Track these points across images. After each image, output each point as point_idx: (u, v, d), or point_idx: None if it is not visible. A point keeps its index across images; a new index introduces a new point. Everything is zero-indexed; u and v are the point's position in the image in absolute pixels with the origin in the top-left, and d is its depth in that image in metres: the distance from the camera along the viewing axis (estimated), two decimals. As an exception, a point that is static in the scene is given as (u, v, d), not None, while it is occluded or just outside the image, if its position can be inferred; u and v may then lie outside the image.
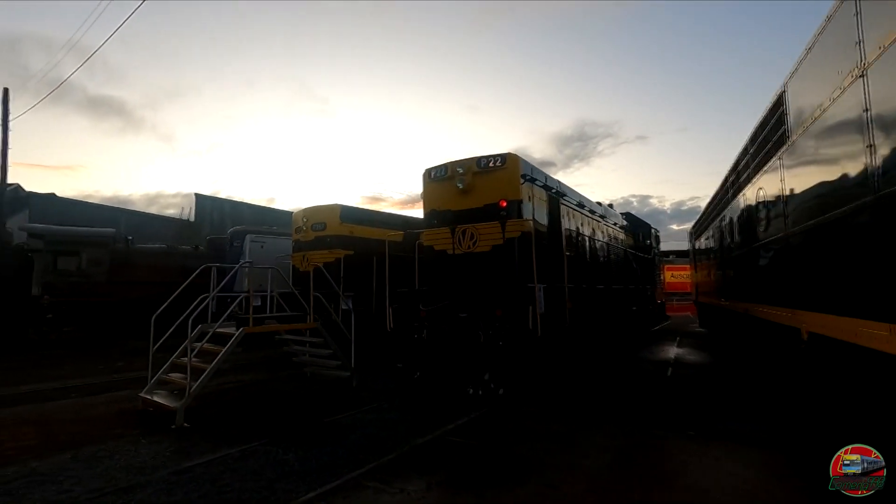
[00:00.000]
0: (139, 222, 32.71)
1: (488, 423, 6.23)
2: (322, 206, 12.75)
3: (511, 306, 7.54)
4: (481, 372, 7.51)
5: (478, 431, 5.92)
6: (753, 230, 7.46)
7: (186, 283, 7.65)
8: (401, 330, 8.62)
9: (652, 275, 17.86)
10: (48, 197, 28.95)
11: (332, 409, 7.01)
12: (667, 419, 6.28)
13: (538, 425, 6.13)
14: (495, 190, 8.24)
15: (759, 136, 6.63)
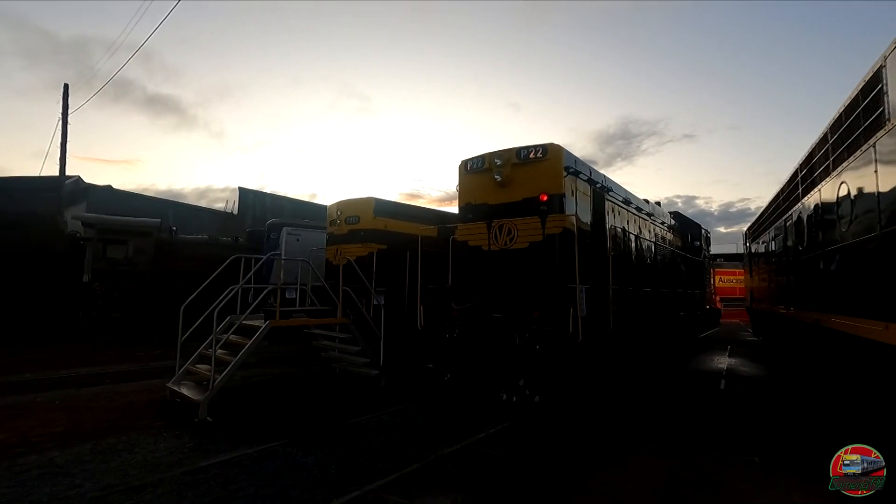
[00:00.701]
0: (186, 214, 33.97)
1: (522, 434, 5.76)
2: (356, 199, 12.53)
3: (550, 308, 7.01)
4: (516, 377, 7.03)
5: (511, 443, 5.46)
6: (831, 230, 6.63)
7: (216, 273, 7.54)
8: (432, 329, 8.24)
9: (701, 278, 16.75)
10: (105, 189, 30.60)
11: (357, 409, 6.71)
12: (723, 439, 5.61)
13: (577, 439, 5.60)
14: (536, 183, 7.70)
15: (844, 122, 5.81)
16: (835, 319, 6.12)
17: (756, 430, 6.09)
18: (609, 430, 5.92)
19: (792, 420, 6.56)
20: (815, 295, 7.02)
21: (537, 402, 6.76)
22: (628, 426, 6.12)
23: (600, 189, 9.04)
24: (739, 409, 7.19)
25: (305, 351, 10.90)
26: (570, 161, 7.88)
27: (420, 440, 5.48)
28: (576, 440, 5.56)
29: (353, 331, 7.96)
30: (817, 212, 6.76)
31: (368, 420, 6.25)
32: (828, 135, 7.07)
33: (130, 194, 32.55)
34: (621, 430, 5.93)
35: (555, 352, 6.88)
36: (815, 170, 7.15)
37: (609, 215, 9.21)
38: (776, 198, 10.24)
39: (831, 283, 6.21)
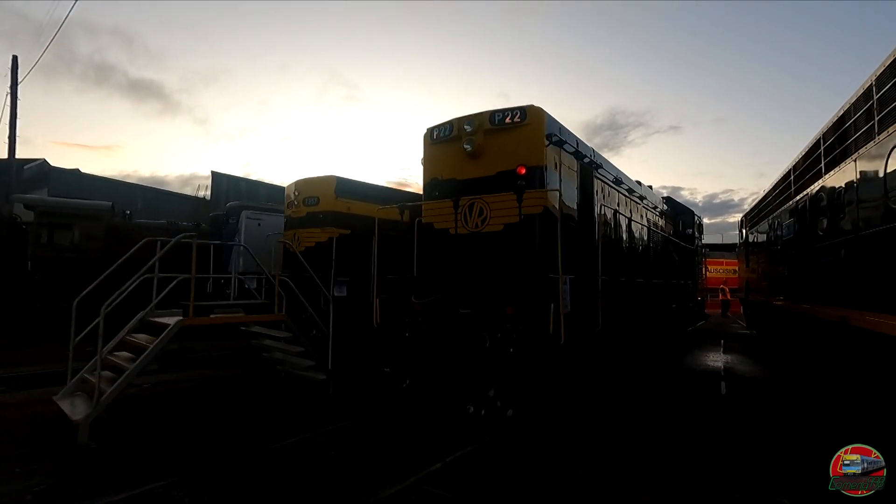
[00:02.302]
0: (156, 200, 32.42)
1: (489, 463, 4.56)
2: (315, 177, 11.16)
3: (526, 303, 5.81)
4: (486, 386, 5.83)
5: (473, 477, 4.25)
6: (851, 218, 5.52)
7: (121, 261, 6.22)
8: (391, 326, 7.00)
9: (693, 268, 15.73)
10: (72, 173, 28.91)
11: (290, 427, 5.46)
12: (740, 470, 4.47)
13: (560, 471, 4.41)
14: (513, 153, 6.44)
15: (865, 104, 4.69)
16: (870, 318, 5.00)
17: (772, 452, 4.97)
18: (601, 456, 4.75)
19: (812, 436, 5.47)
20: (842, 288, 5.91)
21: (510, 416, 5.57)
22: (624, 450, 4.96)
23: (589, 165, 7.82)
24: (747, 420, 6.09)
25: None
26: (553, 128, 6.63)
27: (355, 474, 4.25)
28: (559, 473, 4.37)
29: (293, 329, 6.67)
30: (832, 198, 5.62)
31: (298, 443, 5.00)
32: (847, 113, 5.90)
33: (98, 178, 31.08)
34: (615, 456, 4.76)
35: (532, 356, 5.69)
36: (831, 150, 5.96)
37: (598, 195, 8.01)
38: (784, 178, 9.13)
39: (868, 275, 5.09)
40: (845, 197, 5.62)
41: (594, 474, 4.31)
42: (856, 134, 5.36)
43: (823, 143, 6.56)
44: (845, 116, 5.74)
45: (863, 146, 5.09)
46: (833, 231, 6.19)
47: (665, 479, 4.20)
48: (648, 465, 4.53)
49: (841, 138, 5.90)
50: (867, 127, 4.97)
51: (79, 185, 27.20)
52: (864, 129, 5.08)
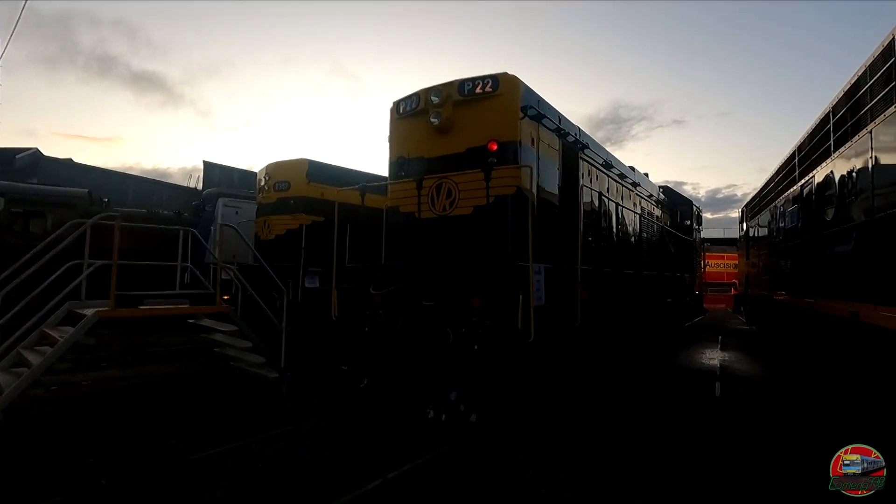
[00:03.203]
0: (147, 190, 31.86)
1: (442, 481, 3.91)
2: (286, 161, 10.48)
3: (495, 294, 5.14)
4: (448, 387, 5.19)
5: (413, 498, 3.61)
6: (864, 199, 4.83)
7: (43, 244, 5.58)
8: (350, 320, 6.35)
9: (691, 261, 15.01)
10: (65, 163, 28.52)
11: (223, 433, 4.83)
12: (731, 491, 3.82)
13: (526, 491, 3.76)
14: (484, 127, 5.77)
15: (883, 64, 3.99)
16: (885, 313, 4.33)
17: (775, 470, 4.32)
18: (576, 474, 4.09)
19: (810, 444, 4.81)
20: (853, 280, 5.23)
21: (474, 422, 4.93)
22: (604, 465, 4.30)
23: (574, 144, 7.12)
24: (741, 427, 5.44)
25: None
26: (530, 100, 5.93)
27: (276, 493, 3.61)
28: (524, 493, 3.72)
29: (239, 322, 6.02)
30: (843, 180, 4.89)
31: (224, 453, 4.36)
32: (857, 84, 5.16)
33: (90, 168, 30.64)
34: (594, 474, 4.11)
35: (499, 354, 5.03)
36: (860, 106, 5.16)
37: (584, 178, 7.33)
38: (787, 162, 8.41)
39: (883, 264, 4.40)
40: (858, 175, 4.93)
41: (563, 494, 3.66)
42: (872, 101, 4.66)
43: (833, 116, 5.85)
44: (860, 82, 5.03)
45: (880, 113, 4.39)
46: (843, 216, 5.50)
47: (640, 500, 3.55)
48: (629, 483, 3.88)
49: (854, 108, 5.19)
50: (887, 90, 4.26)
51: (70, 174, 26.91)
52: (882, 93, 4.38)
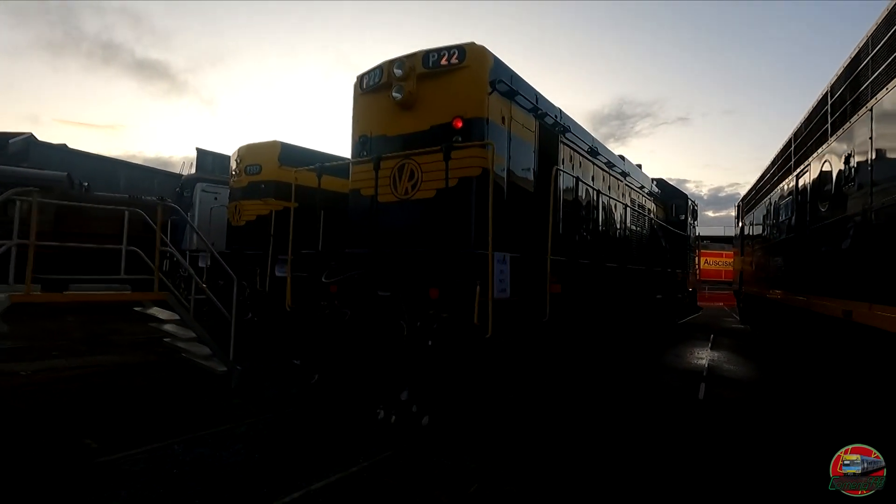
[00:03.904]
0: (139, 177, 31.75)
1: (373, 491, 3.47)
2: (258, 143, 9.99)
3: (454, 285, 4.67)
4: (399, 386, 4.74)
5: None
6: (862, 187, 4.34)
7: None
8: (304, 311, 5.90)
9: (684, 256, 14.52)
10: (59, 148, 28.41)
11: (154, 431, 4.39)
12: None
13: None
14: (448, 103, 5.28)
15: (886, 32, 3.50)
16: (881, 313, 3.86)
17: (738, 481, 3.88)
18: (522, 490, 3.65)
19: (793, 458, 4.37)
20: (846, 276, 4.75)
21: (426, 424, 4.49)
22: (550, 480, 3.86)
23: (553, 127, 6.64)
24: (720, 435, 5.00)
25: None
26: (501, 74, 5.43)
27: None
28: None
29: (180, 311, 5.56)
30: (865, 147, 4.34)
31: (139, 455, 3.91)
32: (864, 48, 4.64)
33: (83, 154, 30.65)
34: (539, 490, 3.67)
35: (454, 351, 4.58)
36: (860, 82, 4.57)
37: (564, 164, 6.84)
38: (783, 150, 7.90)
39: (882, 258, 3.92)
40: (856, 160, 4.44)
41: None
42: (873, 75, 4.16)
43: (831, 96, 5.34)
44: (860, 55, 4.52)
45: (882, 87, 3.89)
46: (838, 206, 5.01)
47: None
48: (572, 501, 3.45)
49: (854, 85, 4.69)
50: (889, 61, 3.76)
51: (62, 160, 26.83)
52: (884, 65, 3.88)
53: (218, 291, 8.68)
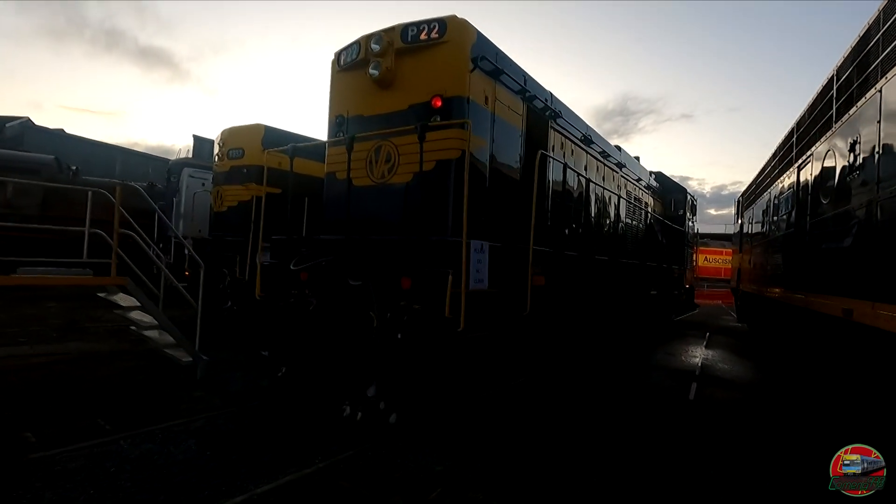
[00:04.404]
0: (134, 163, 31.59)
1: (325, 495, 3.19)
2: (242, 126, 9.66)
3: (427, 275, 4.37)
4: (366, 381, 4.45)
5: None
6: (868, 175, 4.00)
7: None
8: (274, 300, 5.60)
9: (682, 252, 14.19)
10: (55, 133, 28.33)
11: (104, 425, 4.11)
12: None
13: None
14: (428, 80, 4.95)
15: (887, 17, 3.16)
16: (885, 312, 3.55)
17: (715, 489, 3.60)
18: (487, 495, 3.37)
19: (778, 467, 4.09)
20: (847, 272, 4.44)
21: (393, 423, 4.20)
22: (527, 494, 3.58)
23: (542, 111, 6.30)
24: (708, 438, 4.72)
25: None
26: (485, 50, 5.08)
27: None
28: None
29: (140, 296, 5.26)
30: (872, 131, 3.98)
31: (77, 451, 3.63)
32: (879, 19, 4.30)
33: (79, 139, 30.56)
34: (504, 496, 3.38)
35: (425, 345, 4.28)
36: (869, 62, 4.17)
37: (555, 152, 6.51)
38: (785, 141, 7.55)
39: (889, 253, 3.60)
40: (862, 146, 4.11)
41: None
42: (884, 52, 3.81)
43: (837, 80, 4.99)
44: (869, 32, 4.16)
45: (893, 65, 3.55)
46: (840, 198, 4.69)
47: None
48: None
49: (861, 66, 4.34)
50: None
51: (57, 144, 26.76)
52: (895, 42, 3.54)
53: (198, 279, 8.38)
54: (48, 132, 27.67)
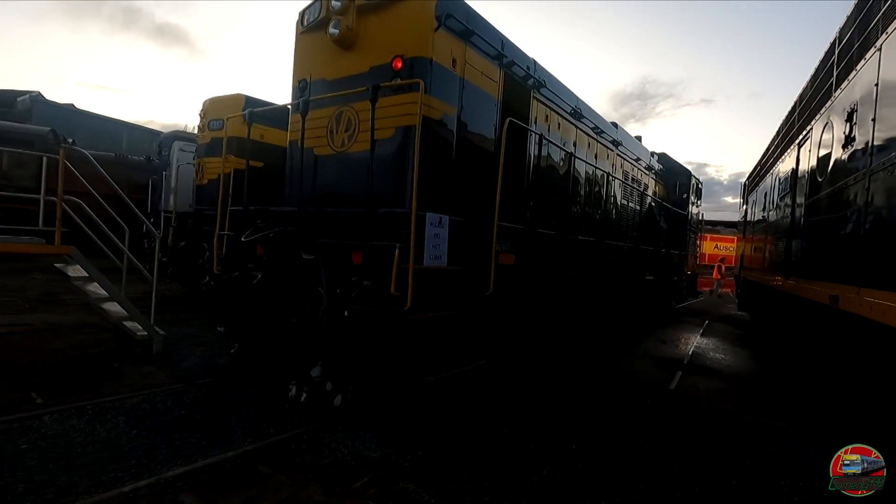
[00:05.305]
0: (141, 137, 31.82)
1: (246, 478, 2.96)
2: (223, 96, 9.36)
3: (377, 249, 4.07)
4: (313, 360, 4.20)
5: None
6: (864, 144, 3.58)
7: None
8: (232, 274, 5.35)
9: (684, 236, 13.69)
10: (65, 107, 28.57)
11: (26, 399, 3.93)
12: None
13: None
14: (390, 41, 4.57)
15: None
16: (870, 298, 3.17)
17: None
18: (418, 495, 3.12)
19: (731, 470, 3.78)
20: (841, 255, 4.05)
21: (338, 405, 3.96)
22: (459, 486, 3.32)
23: (524, 80, 5.88)
24: (677, 437, 4.42)
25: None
26: (452, 8, 4.66)
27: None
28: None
29: (87, 266, 5.04)
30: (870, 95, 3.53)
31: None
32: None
33: (88, 114, 30.91)
34: (439, 497, 3.13)
35: (374, 325, 4.00)
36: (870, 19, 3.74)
37: (538, 125, 6.11)
38: (787, 118, 7.04)
39: (887, 230, 3.20)
40: (859, 114, 3.67)
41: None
42: (885, 4, 3.35)
43: (839, 43, 4.51)
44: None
45: (894, 18, 3.10)
46: (834, 173, 4.27)
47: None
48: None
49: (862, 25, 3.87)
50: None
51: (66, 119, 27.00)
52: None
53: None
54: (58, 106, 27.84)
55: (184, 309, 8.55)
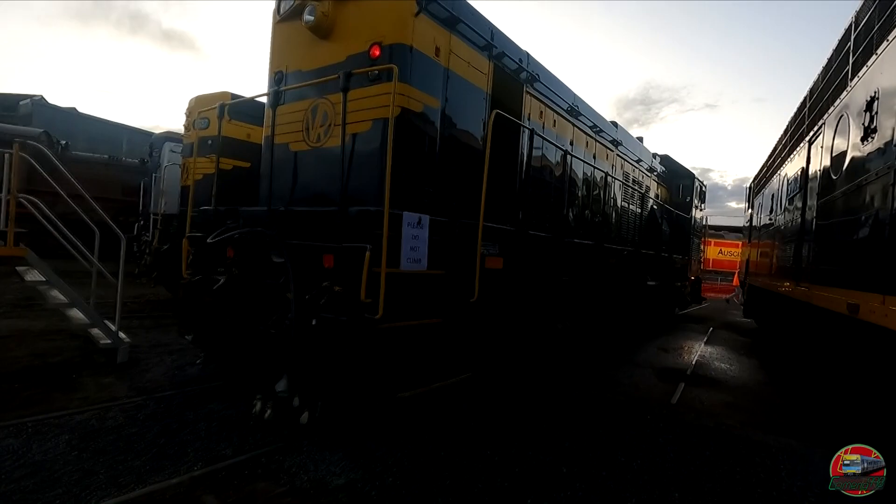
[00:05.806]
0: (140, 140, 31.73)
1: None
2: (209, 94, 9.04)
3: (349, 252, 3.71)
4: (278, 372, 3.84)
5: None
6: (885, 144, 3.22)
7: None
8: (201, 280, 5.00)
9: (687, 241, 13.29)
10: (66, 111, 28.66)
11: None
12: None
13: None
14: (368, 28, 4.25)
15: None
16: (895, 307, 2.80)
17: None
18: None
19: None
20: (861, 258, 3.67)
21: (305, 423, 3.59)
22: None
23: (516, 73, 5.55)
24: (690, 462, 4.03)
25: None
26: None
27: None
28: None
29: (44, 269, 4.72)
30: None
31: (-84, 447, 3.10)
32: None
33: (89, 117, 30.88)
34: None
35: (342, 335, 3.64)
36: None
37: (531, 121, 5.76)
38: (796, 115, 6.67)
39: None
40: (881, 102, 3.31)
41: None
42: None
43: (855, 28, 4.15)
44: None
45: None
46: (853, 170, 3.89)
47: None
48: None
49: (884, 3, 3.52)
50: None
51: (67, 122, 27.07)
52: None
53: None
54: (59, 110, 27.84)
55: (165, 314, 8.23)
